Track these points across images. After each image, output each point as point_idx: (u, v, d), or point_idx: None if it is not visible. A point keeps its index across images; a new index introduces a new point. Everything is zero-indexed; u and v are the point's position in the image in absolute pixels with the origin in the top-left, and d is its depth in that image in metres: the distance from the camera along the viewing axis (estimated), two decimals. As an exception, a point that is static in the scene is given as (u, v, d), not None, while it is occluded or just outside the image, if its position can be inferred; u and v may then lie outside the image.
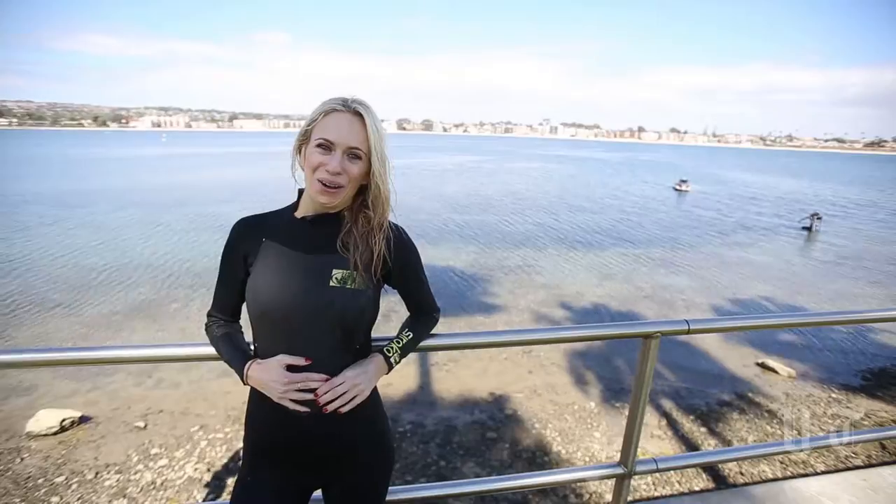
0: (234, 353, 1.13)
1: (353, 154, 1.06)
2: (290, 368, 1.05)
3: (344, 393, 1.05)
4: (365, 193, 1.13)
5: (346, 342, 1.10)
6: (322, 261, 1.09)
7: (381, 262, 1.12)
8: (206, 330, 1.22)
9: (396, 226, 1.17)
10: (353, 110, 1.05)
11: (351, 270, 1.08)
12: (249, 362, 1.09)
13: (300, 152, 1.12)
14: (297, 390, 1.04)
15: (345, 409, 1.06)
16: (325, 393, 1.05)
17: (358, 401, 1.08)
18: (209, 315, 1.22)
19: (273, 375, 1.04)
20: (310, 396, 1.04)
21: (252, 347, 1.16)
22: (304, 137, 1.10)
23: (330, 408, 1.05)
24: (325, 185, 1.05)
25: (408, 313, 1.32)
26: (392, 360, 1.17)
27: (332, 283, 1.07)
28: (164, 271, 11.92)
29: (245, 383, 1.10)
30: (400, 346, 1.20)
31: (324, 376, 1.06)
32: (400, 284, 1.21)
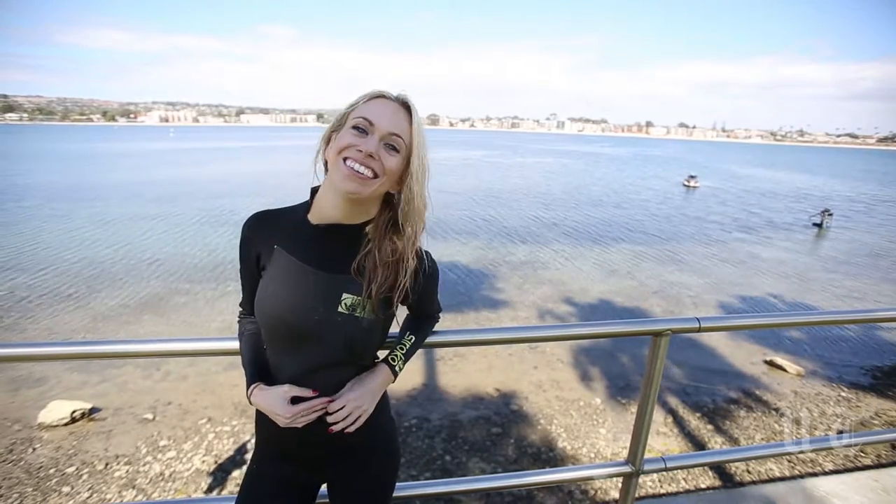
0: (247, 365, 1.11)
1: (392, 144, 0.96)
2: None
3: (348, 415, 1.02)
4: (393, 205, 1.01)
5: (352, 360, 1.06)
6: (332, 281, 1.00)
7: (402, 294, 1.03)
8: (238, 321, 1.21)
9: (425, 252, 1.07)
10: (400, 100, 0.98)
11: (363, 298, 0.99)
12: (252, 386, 1.05)
13: (329, 142, 1.01)
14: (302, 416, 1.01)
15: (351, 430, 1.04)
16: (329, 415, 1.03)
17: (362, 420, 1.05)
18: (240, 305, 1.20)
19: (277, 409, 0.99)
20: (314, 417, 1.02)
21: None
22: (340, 123, 0.99)
23: (335, 429, 1.03)
24: (353, 169, 0.93)
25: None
26: (396, 368, 1.13)
27: (340, 309, 0.99)
28: (173, 265, 12.00)
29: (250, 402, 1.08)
30: (403, 352, 1.16)
31: (327, 399, 1.02)
32: (413, 303, 1.16)
